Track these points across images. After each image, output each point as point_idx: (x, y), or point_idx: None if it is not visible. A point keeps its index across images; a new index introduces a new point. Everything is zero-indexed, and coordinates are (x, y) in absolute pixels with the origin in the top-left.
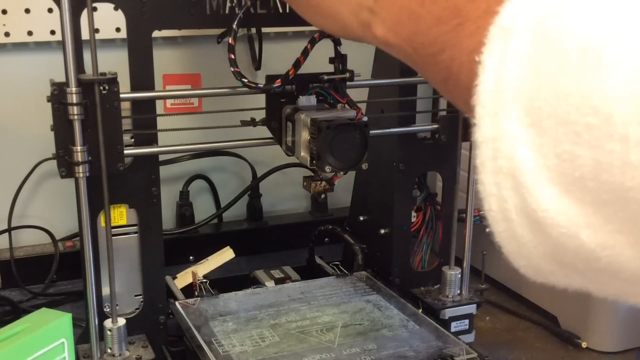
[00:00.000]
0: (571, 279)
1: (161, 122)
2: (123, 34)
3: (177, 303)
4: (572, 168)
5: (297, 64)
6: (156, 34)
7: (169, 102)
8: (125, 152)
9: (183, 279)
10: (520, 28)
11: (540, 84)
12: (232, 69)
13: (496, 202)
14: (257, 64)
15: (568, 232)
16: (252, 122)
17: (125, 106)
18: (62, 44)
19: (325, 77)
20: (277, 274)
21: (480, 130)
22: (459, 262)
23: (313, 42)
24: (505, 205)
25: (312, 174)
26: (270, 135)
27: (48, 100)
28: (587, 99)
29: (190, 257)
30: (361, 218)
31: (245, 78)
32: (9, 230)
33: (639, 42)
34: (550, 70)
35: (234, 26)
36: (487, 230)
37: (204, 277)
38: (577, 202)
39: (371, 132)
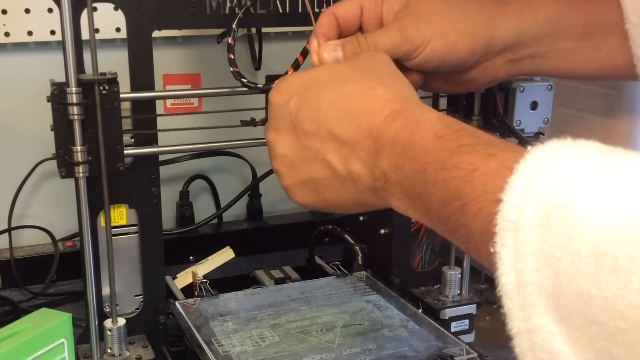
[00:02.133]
0: None
1: (161, 122)
2: (123, 34)
3: (177, 303)
4: None
5: (296, 64)
6: (156, 34)
7: (169, 102)
8: (125, 152)
9: (183, 279)
10: (526, 221)
11: (561, 283)
12: (231, 69)
13: None
14: (257, 64)
15: None
16: (252, 122)
17: (125, 106)
18: (62, 44)
19: None
20: (277, 274)
21: (512, 322)
22: (459, 262)
23: None
24: None
25: None
26: None
27: (48, 100)
28: (611, 304)
29: (190, 257)
30: (361, 218)
31: (244, 78)
32: (9, 230)
33: None
34: (567, 270)
35: (234, 26)
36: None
37: (204, 277)
38: None
39: None
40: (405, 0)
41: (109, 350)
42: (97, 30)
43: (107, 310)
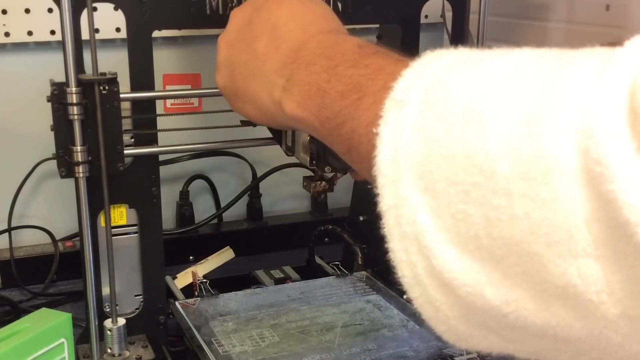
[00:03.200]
0: (490, 341)
1: (161, 122)
2: (123, 34)
3: (177, 303)
4: (466, 227)
5: None
6: (156, 34)
7: (169, 102)
8: (125, 152)
9: (183, 279)
10: (411, 100)
11: (430, 149)
12: None
13: (407, 267)
14: None
15: (473, 291)
16: (252, 122)
17: (125, 106)
18: (62, 44)
19: None
20: (277, 274)
21: (383, 200)
22: None
23: None
24: (415, 270)
25: (312, 174)
26: (270, 135)
27: (48, 100)
28: (471, 159)
29: (190, 257)
30: (361, 218)
31: None
32: (9, 230)
33: (513, 105)
34: (437, 135)
35: None
36: (405, 297)
37: (204, 277)
38: (476, 260)
39: None
40: None
41: (109, 350)
42: (97, 30)
43: (107, 310)
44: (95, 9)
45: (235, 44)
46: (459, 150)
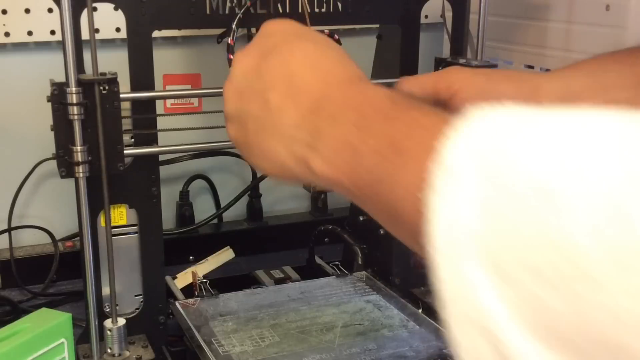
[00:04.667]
0: None
1: (161, 122)
2: (123, 34)
3: (177, 303)
4: (547, 318)
5: None
6: (156, 34)
7: (169, 102)
8: (125, 152)
9: (183, 279)
10: (462, 166)
11: (498, 228)
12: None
13: (473, 358)
14: None
15: None
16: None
17: (125, 106)
18: (62, 44)
19: None
20: (277, 274)
21: (441, 281)
22: None
23: None
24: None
25: None
26: None
27: (48, 100)
28: (550, 242)
29: (190, 257)
30: (361, 218)
31: None
32: (9, 230)
33: (594, 181)
34: (506, 213)
35: (233, 26)
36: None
37: (204, 277)
38: (560, 356)
39: None
40: (455, 86)
41: (109, 350)
42: (97, 30)
43: (107, 310)
44: (95, 9)
45: (244, 93)
46: (534, 232)
